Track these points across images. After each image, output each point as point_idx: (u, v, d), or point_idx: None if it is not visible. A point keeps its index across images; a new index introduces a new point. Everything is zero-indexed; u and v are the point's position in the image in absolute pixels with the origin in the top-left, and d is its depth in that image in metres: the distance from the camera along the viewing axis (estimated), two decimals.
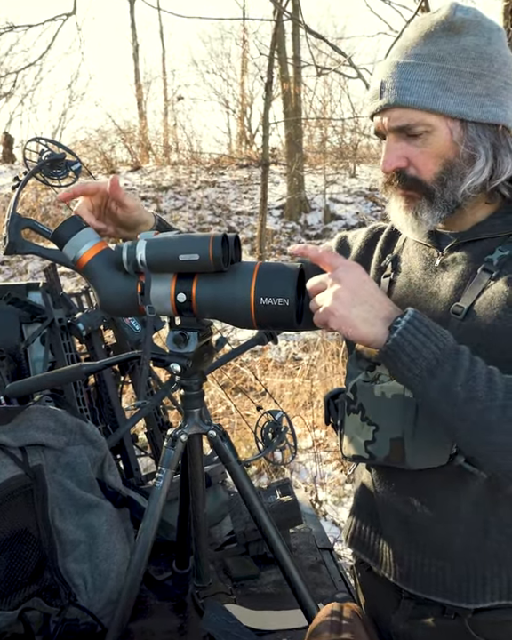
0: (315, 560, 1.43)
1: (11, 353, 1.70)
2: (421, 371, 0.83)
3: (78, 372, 1.03)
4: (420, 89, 0.91)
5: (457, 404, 0.82)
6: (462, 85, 0.90)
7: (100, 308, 1.01)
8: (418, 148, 0.93)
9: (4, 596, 1.11)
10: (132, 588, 1.02)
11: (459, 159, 0.92)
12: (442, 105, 0.90)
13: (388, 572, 1.04)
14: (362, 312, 0.84)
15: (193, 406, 1.07)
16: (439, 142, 0.92)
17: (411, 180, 0.95)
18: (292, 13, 8.20)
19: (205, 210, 10.54)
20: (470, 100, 0.90)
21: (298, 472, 3.56)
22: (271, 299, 0.91)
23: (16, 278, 8.14)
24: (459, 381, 0.82)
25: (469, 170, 0.92)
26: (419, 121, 0.91)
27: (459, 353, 0.83)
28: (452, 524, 0.96)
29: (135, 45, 15.63)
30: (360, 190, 10.78)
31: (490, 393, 0.81)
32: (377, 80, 0.96)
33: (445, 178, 0.93)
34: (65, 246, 0.99)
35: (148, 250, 0.93)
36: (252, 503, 1.07)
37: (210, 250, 0.92)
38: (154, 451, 1.74)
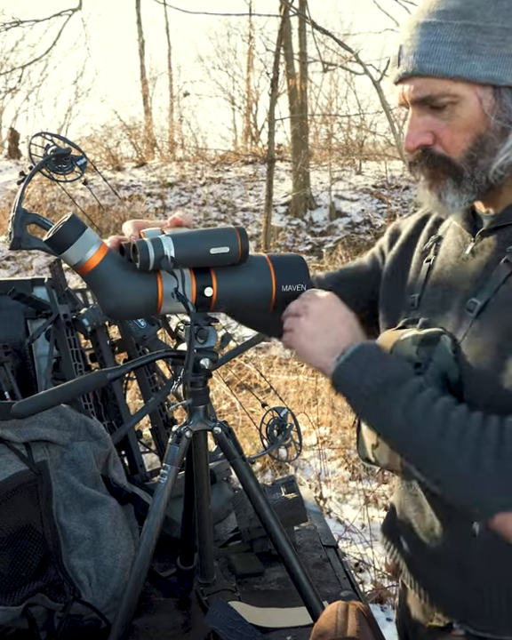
0: (319, 558, 1.43)
1: (15, 348, 1.70)
2: (358, 404, 0.83)
3: (102, 379, 0.98)
4: (441, 53, 0.79)
5: (397, 431, 0.81)
6: (492, 45, 0.77)
7: (111, 313, 0.96)
8: (444, 121, 0.82)
9: (8, 592, 1.11)
10: (136, 585, 1.01)
11: (491, 132, 0.81)
12: (467, 70, 0.78)
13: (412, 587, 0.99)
14: (322, 344, 0.87)
15: (198, 402, 1.06)
16: (468, 114, 0.81)
17: (439, 159, 0.85)
18: (299, 9, 8.18)
19: (210, 206, 10.53)
20: (503, 62, 0.78)
21: (302, 469, 3.55)
22: (291, 285, 0.99)
23: (21, 274, 8.15)
24: (399, 409, 0.79)
25: (501, 145, 0.81)
26: (443, 91, 0.80)
27: (405, 381, 0.80)
28: (468, 542, 0.89)
29: (141, 41, 15.60)
30: (366, 187, 10.74)
31: (427, 422, 0.78)
32: (396, 43, 0.85)
33: (476, 155, 0.82)
34: (68, 250, 0.90)
35: (178, 246, 0.91)
36: (256, 500, 1.06)
37: (239, 242, 0.94)
38: (158, 447, 1.73)
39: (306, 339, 0.89)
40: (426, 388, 0.81)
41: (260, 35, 12.82)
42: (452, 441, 0.76)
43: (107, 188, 9.13)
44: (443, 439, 0.76)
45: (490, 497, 0.74)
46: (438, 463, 0.77)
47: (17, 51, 14.05)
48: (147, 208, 10.19)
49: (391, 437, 0.82)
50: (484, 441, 0.74)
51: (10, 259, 8.59)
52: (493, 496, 0.74)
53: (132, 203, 10.07)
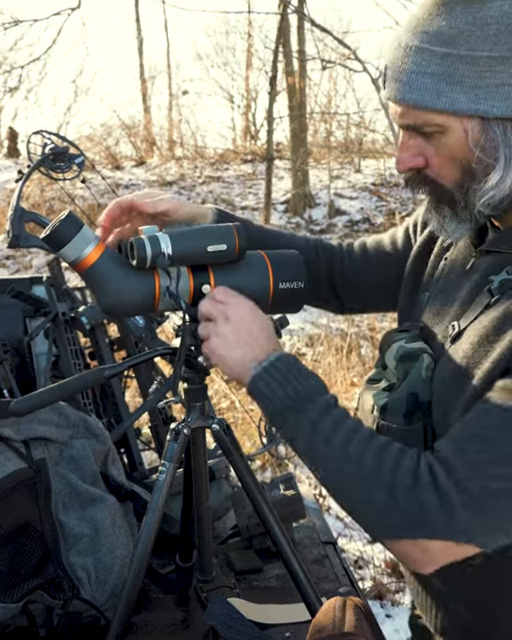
0: (318, 554, 1.43)
1: (14, 347, 1.70)
2: (272, 417, 0.83)
3: (100, 376, 0.97)
4: (421, 84, 0.75)
5: (303, 456, 0.81)
6: (477, 76, 0.72)
7: (108, 310, 0.95)
8: (433, 147, 0.80)
9: (7, 589, 1.11)
10: (135, 581, 1.01)
11: (477, 167, 0.77)
12: (449, 103, 0.74)
13: None
14: (240, 354, 0.85)
15: (196, 399, 1.06)
16: (454, 144, 0.77)
17: (431, 183, 0.83)
18: (298, 7, 8.17)
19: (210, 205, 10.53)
20: (489, 94, 0.73)
21: (301, 466, 3.55)
22: (288, 282, 0.98)
23: (21, 273, 8.14)
24: (304, 435, 0.80)
25: (483, 184, 0.77)
26: (426, 121, 0.77)
27: (311, 402, 0.80)
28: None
29: (140, 40, 15.59)
30: (365, 185, 10.73)
31: (327, 453, 0.78)
32: (383, 61, 0.82)
33: (466, 185, 0.79)
34: (65, 247, 0.90)
35: (175, 243, 0.91)
36: (255, 497, 1.06)
37: (236, 240, 0.93)
38: (157, 445, 1.73)
39: (225, 348, 0.86)
40: (331, 411, 0.80)
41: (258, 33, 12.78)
42: (349, 477, 0.77)
43: (106, 187, 9.13)
44: (341, 475, 0.78)
45: (377, 528, 0.77)
46: (339, 494, 0.80)
47: (16, 50, 14.02)
48: None
49: (298, 454, 0.83)
50: (377, 480, 0.75)
51: (9, 257, 8.59)
52: (380, 528, 0.77)
53: None
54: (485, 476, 0.72)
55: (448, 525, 0.72)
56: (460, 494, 0.71)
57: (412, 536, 0.74)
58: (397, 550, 0.77)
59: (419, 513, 0.73)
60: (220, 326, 0.87)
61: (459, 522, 0.72)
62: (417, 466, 0.75)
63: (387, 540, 0.77)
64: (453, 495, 0.72)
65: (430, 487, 0.73)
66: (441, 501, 0.72)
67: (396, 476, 0.74)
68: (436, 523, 0.72)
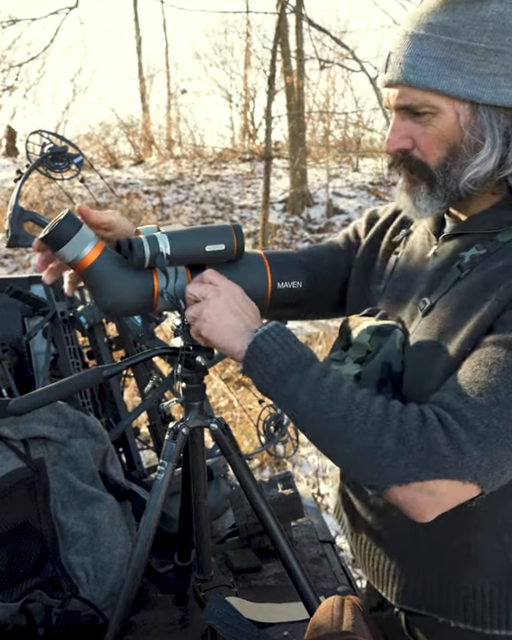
0: (316, 553, 1.43)
1: (13, 346, 1.70)
2: (271, 378, 0.84)
3: (99, 376, 0.97)
4: (425, 66, 0.82)
5: (304, 413, 0.83)
6: (474, 64, 0.80)
7: (107, 310, 0.95)
8: (422, 128, 0.86)
9: (5, 588, 1.12)
10: (133, 581, 1.01)
11: (464, 146, 0.85)
12: (448, 85, 0.81)
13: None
14: (232, 322, 0.88)
15: (194, 399, 1.07)
16: (444, 125, 0.84)
17: (416, 163, 0.89)
18: (296, 7, 8.17)
19: (208, 204, 10.53)
20: (483, 81, 0.81)
21: (300, 465, 3.56)
22: (287, 282, 0.99)
23: (19, 272, 8.14)
24: (305, 391, 0.82)
25: (472, 159, 0.84)
26: (423, 102, 0.84)
27: (310, 365, 0.83)
28: (386, 522, 0.97)
29: (138, 39, 15.57)
30: (363, 184, 10.75)
31: (332, 404, 0.80)
32: (387, 49, 0.88)
33: (449, 165, 0.86)
34: (64, 247, 0.90)
35: (173, 243, 0.91)
36: (253, 496, 1.07)
37: (234, 240, 0.94)
38: (156, 444, 1.74)
39: (217, 316, 0.88)
40: (331, 372, 0.84)
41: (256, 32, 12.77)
42: (356, 425, 0.79)
43: (104, 186, 9.13)
44: (347, 424, 0.80)
45: (386, 472, 0.79)
46: (342, 445, 0.81)
47: (14, 48, 14.00)
48: (144, 206, 10.19)
49: (298, 418, 0.85)
50: (386, 425, 0.79)
51: (8, 257, 8.59)
52: (389, 471, 0.78)
53: (130, 200, 10.07)
54: (489, 415, 0.76)
55: (457, 463, 0.76)
56: (467, 432, 0.76)
57: (422, 477, 0.77)
58: (404, 496, 0.79)
59: (428, 452, 0.76)
60: (211, 299, 0.89)
61: (467, 459, 0.76)
62: (422, 411, 0.79)
63: (394, 486, 0.78)
64: (461, 433, 0.76)
65: (439, 427, 0.77)
66: (450, 440, 0.76)
67: (404, 420, 0.78)
68: (446, 461, 0.76)
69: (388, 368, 0.89)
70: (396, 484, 0.78)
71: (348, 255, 1.13)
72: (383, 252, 1.06)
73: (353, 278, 1.10)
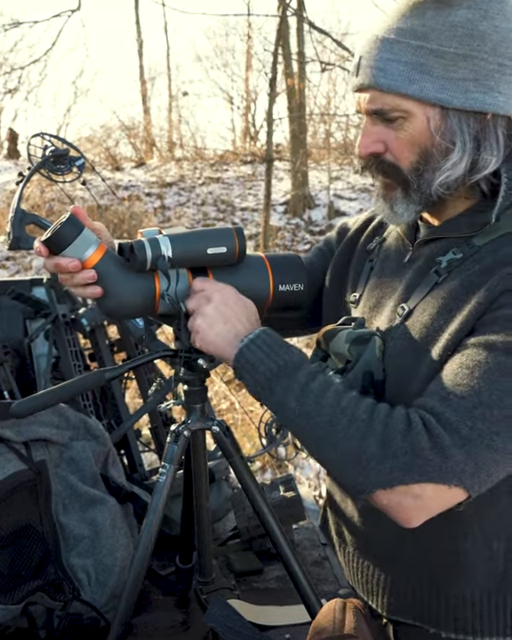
0: (318, 556, 1.43)
1: (15, 348, 1.70)
2: (259, 386, 0.85)
3: (101, 378, 0.97)
4: (395, 70, 0.82)
5: (292, 419, 0.83)
6: (443, 68, 0.80)
7: (109, 312, 0.95)
8: (394, 132, 0.86)
9: (7, 591, 1.12)
10: (135, 583, 1.01)
11: (435, 150, 0.85)
12: (418, 90, 0.81)
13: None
14: (222, 331, 0.88)
15: (196, 401, 1.07)
16: (415, 129, 0.84)
17: (389, 166, 0.88)
18: (297, 9, 8.18)
19: (209, 206, 10.53)
20: (452, 85, 0.81)
21: (301, 468, 3.56)
22: (288, 285, 0.99)
23: (21, 274, 8.15)
24: (292, 397, 0.82)
25: (443, 164, 0.84)
26: (394, 106, 0.84)
27: (298, 370, 0.83)
28: (373, 530, 0.96)
29: (140, 42, 15.60)
30: (364, 186, 10.75)
31: (318, 409, 0.80)
32: (357, 54, 0.88)
33: (421, 168, 0.86)
34: (66, 250, 0.90)
35: (175, 245, 0.92)
36: (254, 498, 1.07)
37: (236, 242, 0.94)
38: (157, 446, 1.74)
39: (207, 325, 0.89)
40: (318, 375, 0.84)
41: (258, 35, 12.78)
42: (341, 429, 0.79)
43: (106, 188, 9.14)
44: (332, 428, 0.80)
45: (370, 477, 0.78)
46: (328, 450, 0.81)
47: (16, 51, 14.04)
48: (145, 208, 10.20)
49: (287, 423, 0.85)
50: (370, 429, 0.78)
51: (9, 259, 8.59)
52: (373, 475, 0.78)
53: (131, 203, 10.08)
54: (472, 418, 0.76)
55: (441, 467, 0.76)
56: (450, 435, 0.76)
57: (406, 481, 0.76)
58: (389, 501, 0.78)
59: (413, 456, 0.76)
60: (201, 307, 0.90)
61: (451, 462, 0.75)
62: (408, 415, 0.79)
63: (378, 490, 0.78)
64: (445, 437, 0.76)
65: (423, 431, 0.77)
66: (433, 443, 0.76)
67: (389, 424, 0.78)
68: (430, 464, 0.76)
69: (370, 377, 0.89)
70: (380, 488, 0.78)
71: (322, 267, 1.13)
72: (357, 260, 1.06)
73: (327, 289, 1.10)
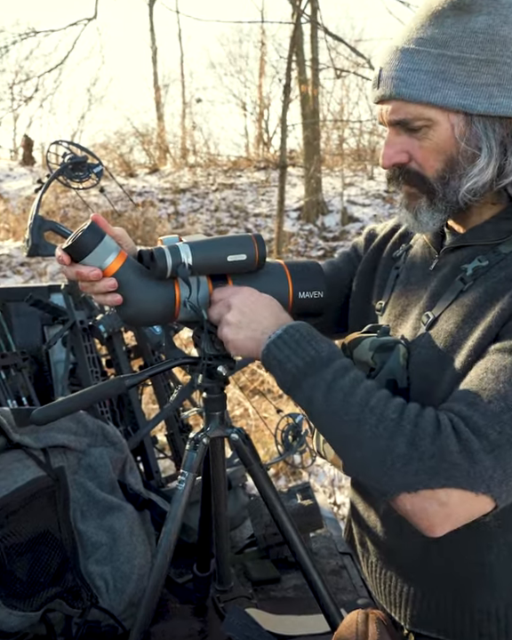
0: (336, 565, 1.42)
1: (32, 355, 1.71)
2: (287, 382, 0.84)
3: (121, 385, 0.97)
4: (417, 80, 0.82)
5: (318, 416, 0.82)
6: (466, 75, 0.80)
7: (129, 320, 0.96)
8: (418, 141, 0.86)
9: (26, 597, 1.12)
10: (154, 591, 1.01)
11: (460, 157, 0.84)
12: (441, 97, 0.81)
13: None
14: (249, 332, 0.89)
15: (215, 409, 1.07)
16: (440, 137, 0.84)
17: (414, 175, 0.88)
18: (311, 16, 8.20)
19: (223, 212, 10.56)
20: (475, 91, 0.81)
21: (316, 475, 3.54)
22: (308, 292, 0.99)
23: (35, 280, 8.20)
24: (320, 394, 0.81)
25: (470, 170, 0.84)
26: (417, 115, 0.83)
27: (326, 366, 0.82)
28: (397, 540, 0.94)
29: (154, 49, 15.71)
30: (378, 192, 10.73)
31: (346, 407, 0.79)
32: (377, 65, 0.88)
33: (447, 176, 0.85)
34: (87, 257, 0.90)
35: (195, 253, 0.92)
36: (274, 507, 1.06)
37: (256, 250, 0.94)
38: (174, 453, 1.74)
39: (233, 332, 0.89)
40: (349, 372, 0.82)
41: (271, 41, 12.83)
42: (368, 429, 0.78)
43: (119, 194, 9.19)
44: (359, 427, 0.78)
45: (395, 478, 0.76)
46: (354, 449, 0.79)
47: (31, 59, 14.18)
48: (159, 214, 10.24)
49: (314, 420, 0.84)
50: (399, 429, 0.77)
51: (24, 264, 8.65)
52: (398, 477, 0.76)
53: (145, 208, 10.12)
54: (501, 422, 0.75)
55: (469, 472, 0.74)
56: (479, 440, 0.74)
57: (432, 485, 0.75)
58: (413, 505, 0.76)
59: (440, 460, 0.74)
60: (224, 316, 0.91)
61: (480, 468, 0.74)
62: (437, 417, 0.78)
63: (402, 493, 0.76)
64: (474, 441, 0.74)
65: (452, 434, 0.75)
66: (462, 447, 0.74)
67: (419, 424, 0.77)
68: (458, 469, 0.74)
69: (393, 385, 0.87)
70: (404, 490, 0.76)
71: (348, 273, 1.13)
72: (383, 267, 1.06)
73: (354, 295, 1.10)
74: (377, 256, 1.08)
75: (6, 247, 8.87)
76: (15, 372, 1.59)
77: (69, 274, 0.92)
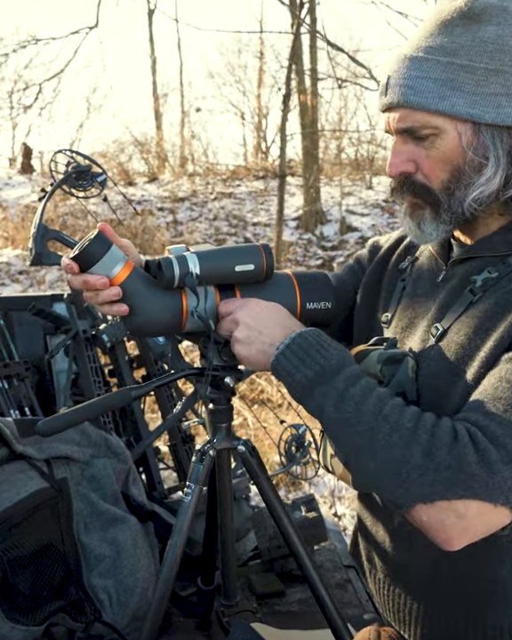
0: (340, 578, 1.41)
1: (34, 364, 1.70)
2: (298, 393, 0.83)
3: (127, 396, 0.96)
4: (425, 88, 0.81)
5: (330, 425, 0.80)
6: (474, 84, 0.80)
7: (136, 330, 0.95)
8: (425, 150, 0.85)
9: (29, 611, 1.10)
10: (160, 605, 1.00)
11: (467, 166, 0.83)
12: (449, 106, 0.81)
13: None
14: (259, 346, 0.88)
15: (222, 420, 1.06)
16: (447, 146, 0.83)
17: (419, 187, 0.87)
18: (311, 26, 8.25)
19: (221, 221, 10.57)
20: (484, 101, 0.81)
21: (316, 485, 3.52)
22: (316, 303, 0.98)
23: (34, 288, 8.19)
24: (330, 403, 0.79)
25: (477, 179, 0.83)
26: (424, 123, 0.83)
27: (336, 375, 0.81)
28: (406, 556, 0.93)
29: (153, 58, 15.79)
30: (376, 202, 10.76)
31: (358, 416, 0.78)
32: (384, 73, 0.88)
33: (453, 187, 0.85)
34: (94, 267, 0.89)
35: (203, 263, 0.91)
36: (280, 519, 1.05)
37: (264, 260, 0.93)
38: (176, 463, 1.72)
39: (245, 349, 0.89)
40: (360, 379, 0.81)
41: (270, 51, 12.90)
42: (382, 438, 0.76)
43: (119, 203, 9.20)
44: (373, 436, 0.77)
45: (411, 489, 0.75)
46: (367, 459, 0.78)
47: (31, 67, 14.23)
48: (158, 223, 10.25)
49: (326, 430, 0.83)
50: (414, 439, 0.75)
51: (22, 273, 8.64)
52: (414, 488, 0.74)
53: (144, 217, 10.13)
54: None
55: (487, 482, 0.72)
56: (497, 450, 0.73)
57: (449, 496, 0.73)
58: (429, 517, 0.75)
59: (458, 471, 0.73)
60: (233, 333, 0.90)
61: (498, 479, 0.72)
62: (454, 426, 0.76)
63: (418, 505, 0.75)
64: (492, 451, 0.73)
65: (469, 444, 0.74)
66: (480, 457, 0.73)
67: (435, 434, 0.75)
68: (476, 479, 0.72)
69: (402, 397, 0.86)
70: (420, 502, 0.74)
71: (352, 286, 1.13)
72: (388, 279, 1.05)
73: (358, 308, 1.09)
74: (382, 268, 1.08)
75: (5, 255, 8.86)
76: (18, 381, 1.58)
77: (76, 283, 0.91)
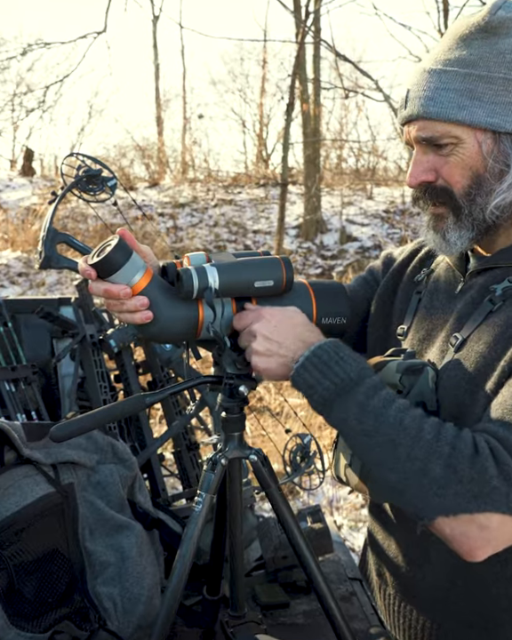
0: (345, 591, 1.40)
1: (41, 368, 1.69)
2: (319, 405, 0.83)
3: (141, 403, 0.96)
4: (445, 98, 0.83)
5: (352, 437, 0.81)
6: (493, 93, 0.82)
7: (151, 337, 0.95)
8: (444, 158, 0.87)
9: (34, 618, 1.09)
10: (168, 616, 0.99)
11: (488, 174, 0.85)
12: (469, 116, 0.83)
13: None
14: (279, 359, 0.88)
15: (234, 429, 1.05)
16: (466, 154, 0.85)
17: (441, 192, 0.89)
18: (315, 35, 8.29)
19: (222, 227, 10.58)
20: (503, 110, 0.83)
21: (314, 495, 3.51)
22: (331, 318, 0.97)
23: (33, 290, 8.17)
24: (351, 415, 0.80)
25: (498, 186, 0.85)
26: (444, 133, 0.85)
27: (356, 387, 0.81)
28: (419, 572, 0.93)
29: (156, 65, 15.84)
30: (377, 212, 10.79)
31: (378, 427, 0.78)
32: (404, 87, 0.90)
33: (474, 192, 0.86)
34: (115, 274, 0.88)
35: (222, 277, 0.91)
36: (290, 530, 1.04)
37: (283, 275, 0.93)
38: (180, 470, 1.71)
39: (263, 362, 0.89)
40: (380, 391, 0.81)
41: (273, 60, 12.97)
42: (403, 450, 0.77)
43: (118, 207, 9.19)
44: (394, 448, 0.77)
45: (432, 502, 0.75)
46: (388, 471, 0.78)
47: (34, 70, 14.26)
48: (158, 228, 10.25)
49: (348, 443, 0.83)
50: (436, 451, 0.76)
51: (21, 275, 8.62)
52: (436, 501, 0.75)
53: (144, 222, 10.14)
54: None
55: (508, 495, 0.73)
56: None
57: (470, 509, 0.73)
58: (452, 530, 0.75)
59: (479, 483, 0.73)
60: (251, 346, 0.90)
61: None
62: (474, 438, 0.76)
63: (440, 517, 0.75)
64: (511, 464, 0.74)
65: (490, 457, 0.74)
66: (500, 470, 0.73)
67: (456, 447, 0.75)
68: (496, 493, 0.73)
69: (422, 407, 0.86)
70: (443, 515, 0.75)
71: (366, 297, 1.13)
72: (403, 292, 1.05)
73: (372, 319, 1.09)
74: (396, 280, 1.08)
75: (4, 257, 8.85)
76: (25, 385, 1.57)
77: (97, 290, 0.90)
